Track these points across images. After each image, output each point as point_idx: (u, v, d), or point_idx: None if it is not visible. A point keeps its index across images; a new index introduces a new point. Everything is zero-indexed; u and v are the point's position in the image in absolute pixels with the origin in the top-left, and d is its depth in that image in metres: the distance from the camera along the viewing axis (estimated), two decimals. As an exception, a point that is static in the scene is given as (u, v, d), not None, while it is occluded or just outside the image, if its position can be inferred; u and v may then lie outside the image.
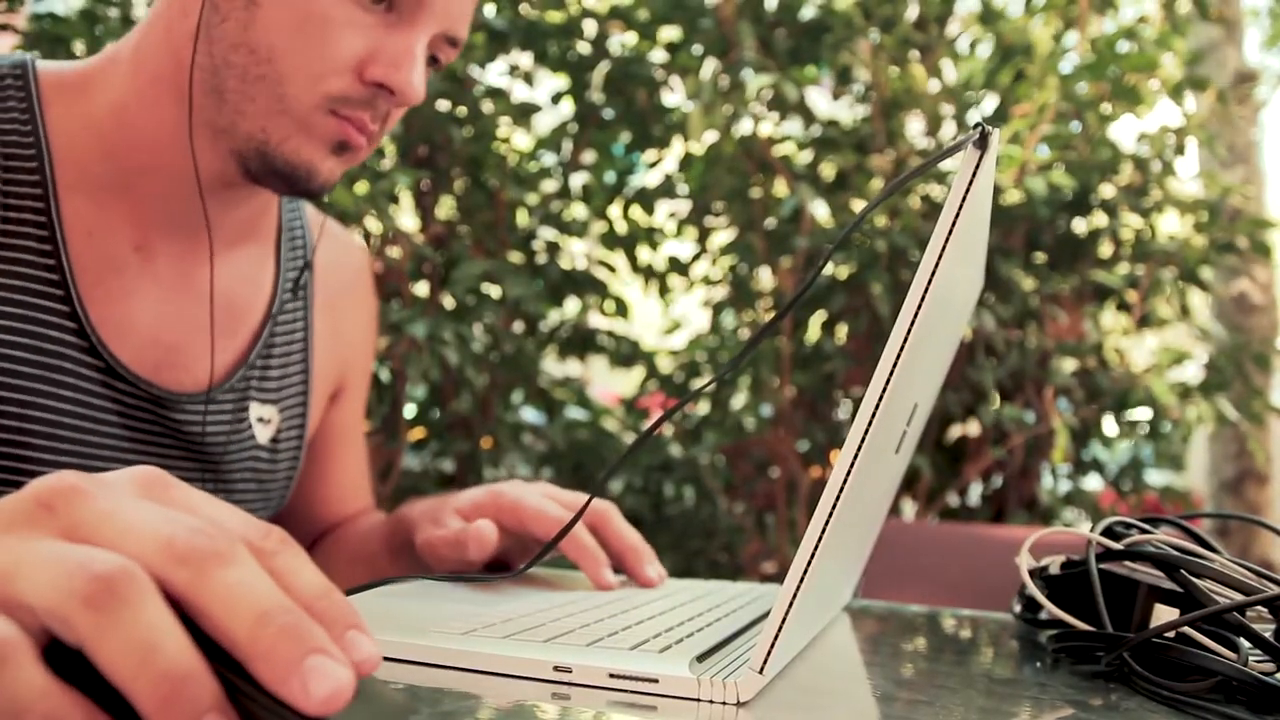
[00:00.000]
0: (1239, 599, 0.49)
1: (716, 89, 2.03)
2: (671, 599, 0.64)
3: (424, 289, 2.16)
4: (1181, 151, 2.12)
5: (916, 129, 2.24)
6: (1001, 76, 2.15)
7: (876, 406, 0.41)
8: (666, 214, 2.40)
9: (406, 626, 0.49)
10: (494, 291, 2.11)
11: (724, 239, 2.32)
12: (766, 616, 0.48)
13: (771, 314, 2.24)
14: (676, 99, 2.29)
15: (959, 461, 2.22)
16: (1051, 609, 0.57)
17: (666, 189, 2.33)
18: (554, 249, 2.29)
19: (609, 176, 2.38)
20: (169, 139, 0.67)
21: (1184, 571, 0.51)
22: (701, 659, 0.47)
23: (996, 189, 2.01)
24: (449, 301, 2.14)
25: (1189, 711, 0.45)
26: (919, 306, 0.41)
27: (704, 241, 2.35)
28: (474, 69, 2.15)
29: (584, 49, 2.21)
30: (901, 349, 0.41)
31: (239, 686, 0.28)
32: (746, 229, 2.23)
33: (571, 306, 2.36)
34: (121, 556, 0.28)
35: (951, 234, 0.42)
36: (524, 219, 2.25)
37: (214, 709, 0.27)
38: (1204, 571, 0.51)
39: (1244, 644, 0.49)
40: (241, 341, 0.77)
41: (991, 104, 2.22)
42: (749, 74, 2.05)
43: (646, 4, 2.20)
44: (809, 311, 2.23)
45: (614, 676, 0.43)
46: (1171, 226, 2.23)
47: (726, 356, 2.32)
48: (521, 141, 2.35)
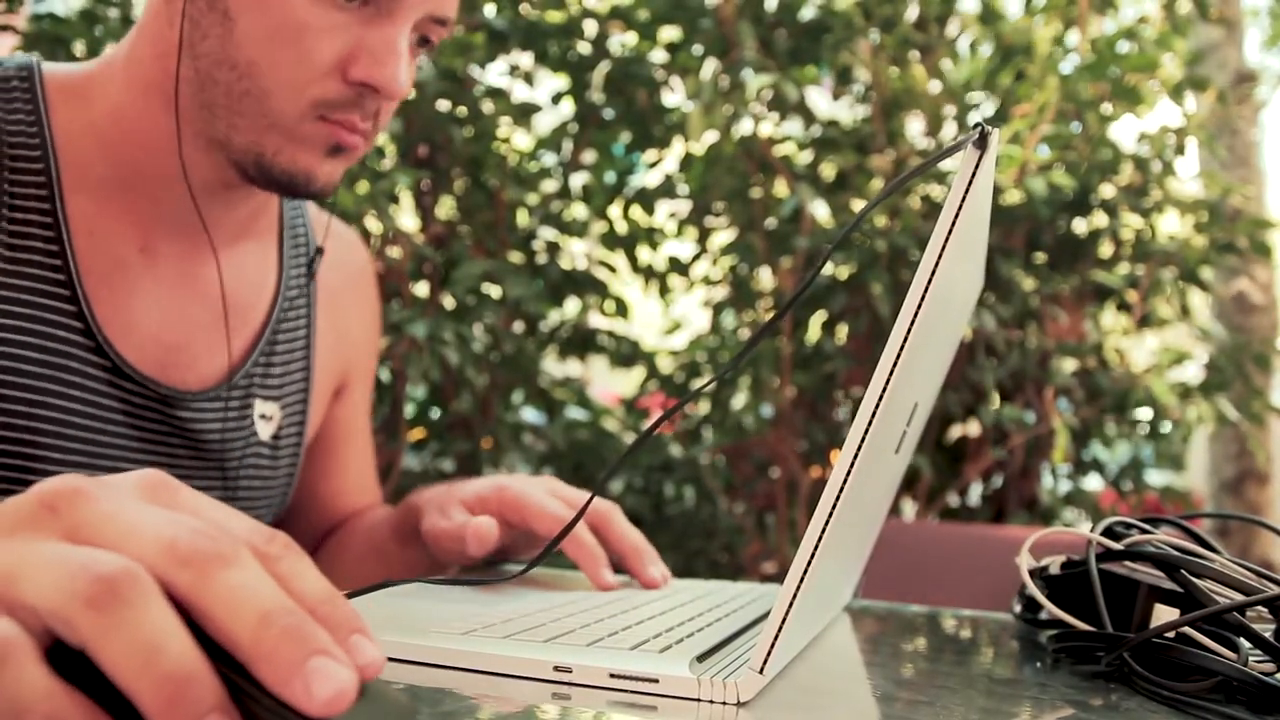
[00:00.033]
0: (1239, 599, 0.49)
1: (717, 89, 2.03)
2: (672, 599, 0.64)
3: (424, 289, 2.16)
4: (1182, 152, 2.12)
5: (917, 129, 2.24)
6: (1002, 77, 2.15)
7: (876, 406, 0.41)
8: (667, 214, 2.39)
9: (407, 627, 0.49)
10: (494, 291, 2.11)
11: (724, 239, 2.32)
12: (766, 616, 0.48)
13: (771, 314, 2.24)
14: (676, 99, 2.29)
15: (959, 461, 2.22)
16: (1052, 609, 0.57)
17: (667, 189, 2.33)
18: (554, 249, 2.29)
19: (609, 176, 2.38)
20: (165, 145, 0.68)
21: (1184, 571, 0.51)
22: (702, 659, 0.47)
23: (996, 189, 2.01)
24: (449, 301, 2.14)
25: (1189, 711, 0.45)
26: (919, 306, 0.41)
27: (704, 241, 2.35)
28: (474, 69, 2.15)
29: (584, 49, 2.21)
30: (901, 349, 0.41)
31: (243, 688, 0.28)
32: (747, 229, 2.23)
33: (572, 306, 2.36)
34: (124, 558, 0.28)
35: (951, 234, 0.42)
36: (524, 219, 2.25)
37: (217, 710, 0.27)
38: (1204, 571, 0.51)
39: (1244, 644, 0.49)
40: (245, 338, 0.78)
41: (991, 104, 2.21)
42: (749, 74, 2.05)
43: (646, 4, 2.20)
44: (809, 311, 2.23)
45: (614, 676, 0.43)
46: (1172, 226, 2.23)
47: (726, 356, 2.32)
48: (522, 141, 2.35)
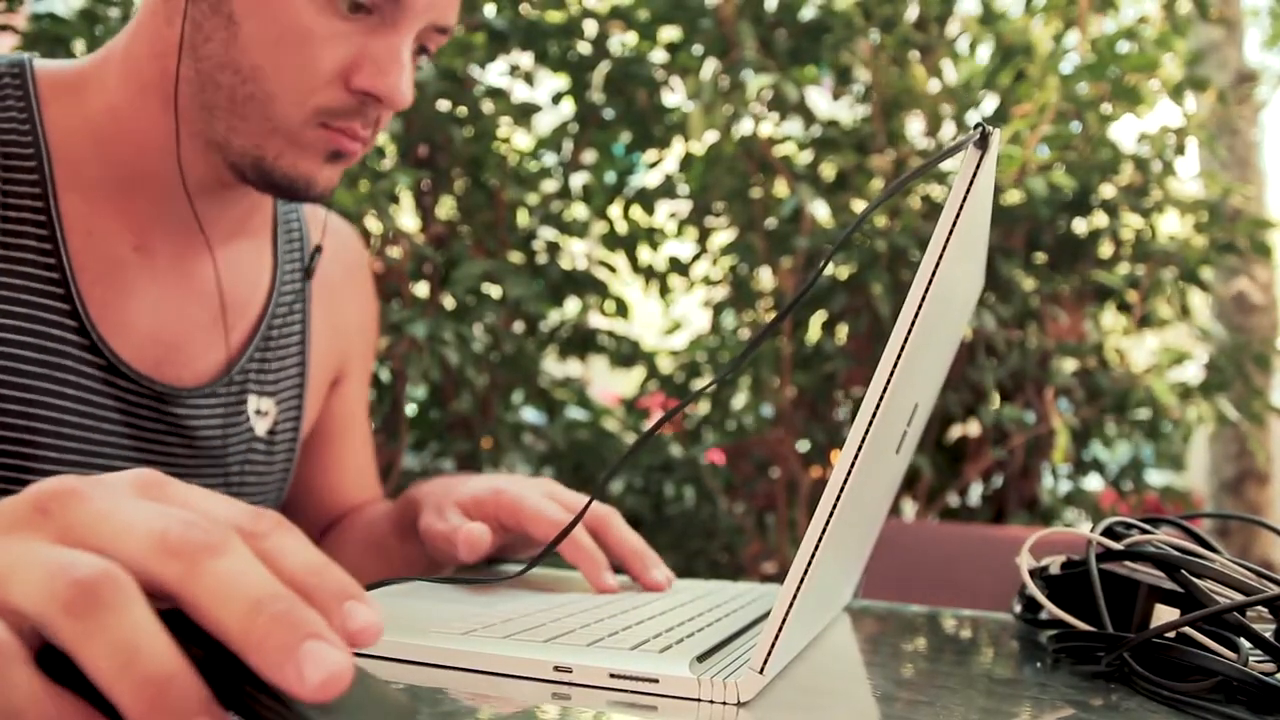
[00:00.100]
0: (1239, 599, 0.49)
1: (717, 89, 2.03)
2: (672, 599, 0.64)
3: (424, 289, 2.16)
4: (1182, 152, 2.12)
5: (917, 129, 2.24)
6: (1002, 77, 2.15)
7: (877, 406, 0.41)
8: (667, 214, 2.39)
9: (407, 626, 0.49)
10: (494, 291, 2.11)
11: (724, 239, 2.32)
12: (767, 616, 0.48)
13: (772, 314, 2.24)
14: (677, 99, 2.29)
15: (959, 461, 2.22)
16: (1052, 609, 0.57)
17: (667, 189, 2.33)
18: (554, 249, 2.29)
19: (609, 176, 2.38)
20: (161, 144, 0.68)
21: (1184, 572, 0.51)
22: (702, 659, 0.47)
23: (997, 189, 2.01)
24: (449, 301, 2.14)
25: (1189, 711, 0.45)
26: (919, 306, 0.41)
27: (704, 242, 2.35)
28: (474, 69, 2.14)
29: (584, 49, 2.21)
30: (902, 349, 0.41)
31: (243, 682, 0.28)
32: (747, 229, 2.23)
33: (572, 307, 2.36)
34: (105, 560, 0.28)
35: (952, 234, 0.42)
36: (524, 219, 2.25)
37: (200, 711, 0.26)
38: (1204, 572, 0.51)
39: (1244, 644, 0.49)
40: (240, 335, 0.78)
41: (992, 104, 2.21)
42: (749, 74, 2.05)
43: (647, 4, 2.20)
44: (809, 312, 2.23)
45: (614, 676, 0.43)
46: (1172, 227, 2.23)
47: (727, 357, 2.32)
48: (522, 141, 2.35)
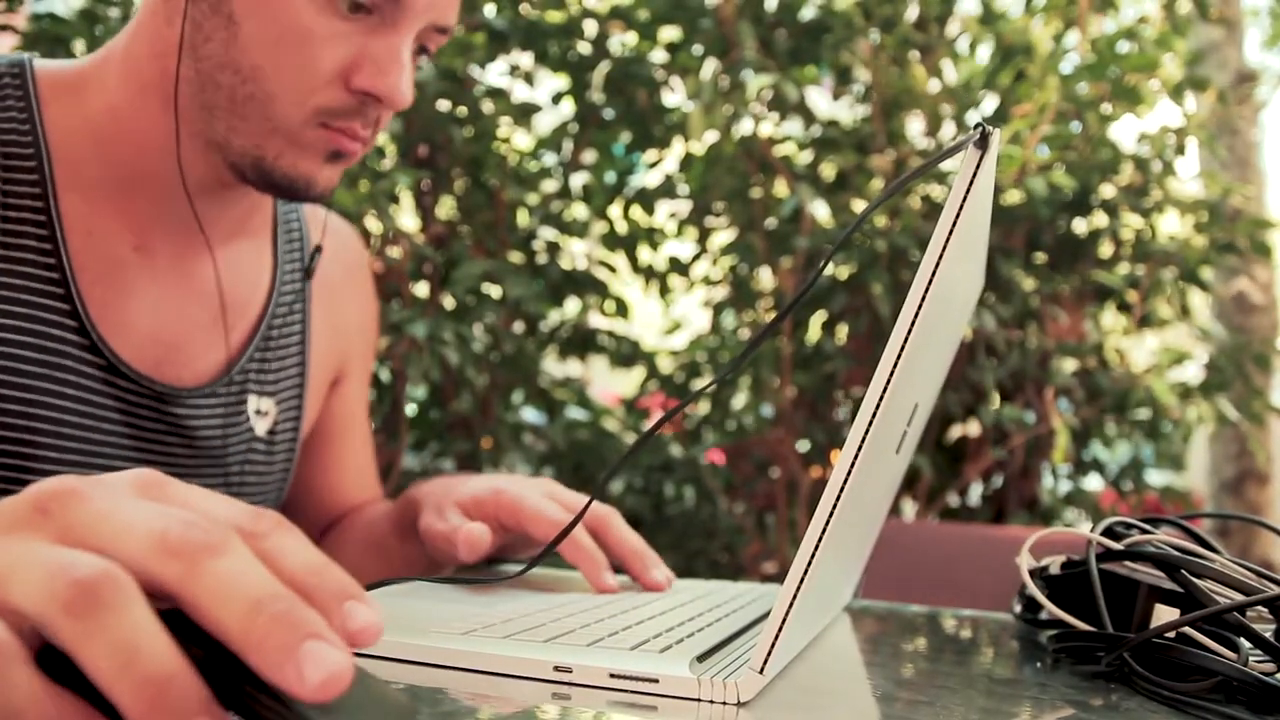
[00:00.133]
0: (1239, 599, 0.49)
1: (717, 89, 2.03)
2: (672, 599, 0.64)
3: (424, 289, 2.16)
4: (1182, 152, 2.12)
5: (917, 129, 2.24)
6: (1002, 77, 2.14)
7: (877, 406, 0.41)
8: (667, 214, 2.39)
9: (406, 627, 0.49)
10: (494, 291, 2.11)
11: (724, 239, 2.32)
12: (767, 616, 0.48)
13: (772, 314, 2.24)
14: (677, 99, 2.29)
15: (959, 461, 2.22)
16: (1052, 609, 0.57)
17: (667, 189, 2.33)
18: (554, 249, 2.28)
19: (609, 176, 2.38)
20: (160, 144, 0.68)
21: (1184, 572, 0.51)
22: (702, 659, 0.47)
23: (997, 189, 2.01)
24: (449, 301, 2.14)
25: (1189, 711, 0.45)
26: (919, 306, 0.41)
27: (704, 242, 2.35)
28: (474, 69, 2.14)
29: (584, 49, 2.21)
30: (902, 349, 0.41)
31: (244, 682, 0.28)
32: (747, 229, 2.23)
33: (572, 307, 2.36)
34: (105, 560, 0.28)
35: (952, 234, 0.42)
36: (524, 219, 2.25)
37: (200, 711, 0.26)
38: (1204, 572, 0.51)
39: (1244, 644, 0.49)
40: (240, 335, 0.78)
41: (992, 104, 2.21)
42: (749, 74, 2.05)
43: (647, 4, 2.20)
44: (809, 312, 2.23)
45: (614, 676, 0.43)
46: (1172, 227, 2.23)
47: (727, 357, 2.32)
48: (522, 141, 2.35)
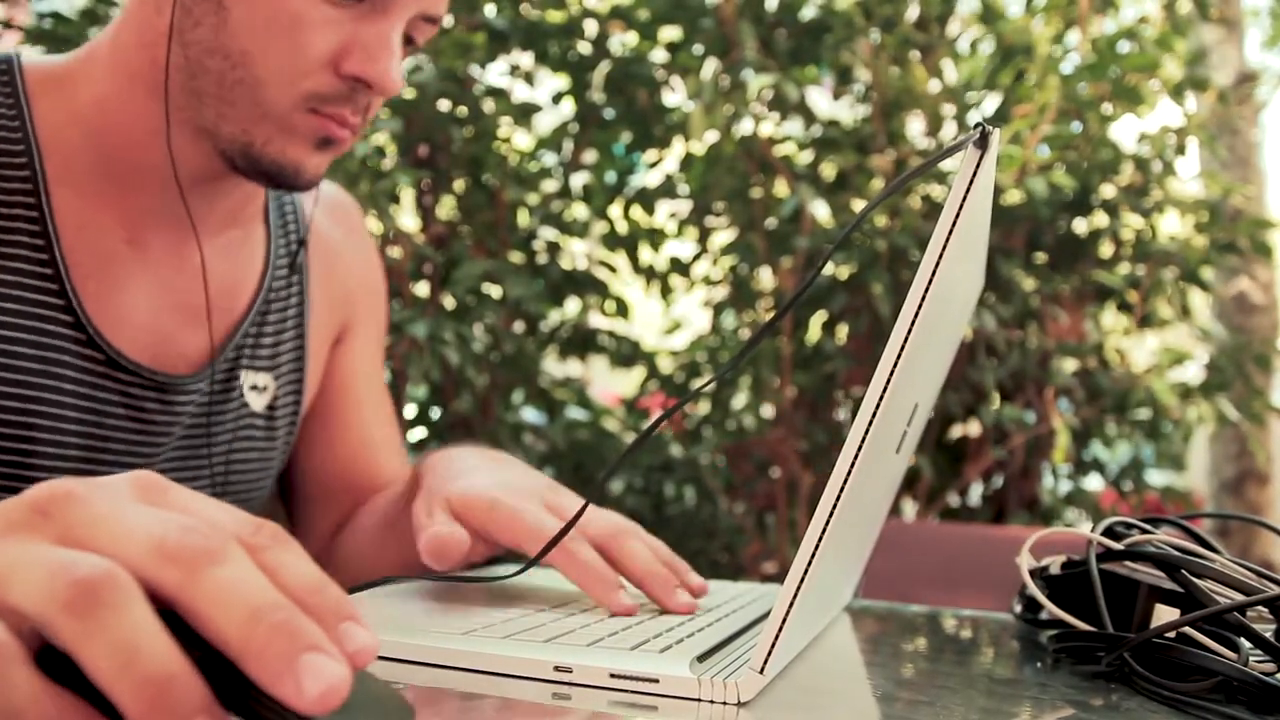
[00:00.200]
0: (1239, 599, 0.49)
1: (717, 89, 2.03)
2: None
3: (425, 289, 2.16)
4: (1182, 152, 2.12)
5: (917, 129, 2.24)
6: (1002, 76, 2.15)
7: (877, 406, 0.41)
8: (667, 214, 2.39)
9: (406, 626, 0.49)
10: (494, 291, 2.11)
11: (724, 239, 2.32)
12: (767, 617, 0.48)
13: (772, 314, 2.24)
14: (677, 99, 2.29)
15: (959, 461, 2.22)
16: (1052, 609, 0.57)
17: (667, 189, 2.33)
18: (555, 249, 2.29)
19: (610, 176, 2.38)
20: (150, 135, 0.67)
21: (1185, 572, 0.51)
22: (702, 659, 0.47)
23: (997, 189, 2.01)
24: (450, 301, 2.14)
25: (1190, 712, 0.45)
26: (919, 306, 0.41)
27: (704, 242, 2.35)
28: (474, 69, 2.15)
29: (585, 49, 2.21)
30: (902, 349, 0.41)
31: (241, 685, 0.28)
32: (747, 229, 2.23)
33: (572, 307, 2.36)
34: (106, 560, 0.28)
35: (952, 234, 0.42)
36: (525, 219, 2.25)
37: (201, 711, 0.26)
38: (1205, 572, 0.51)
39: (1244, 644, 0.49)
40: (235, 317, 0.77)
41: (992, 104, 2.21)
42: (750, 74, 2.05)
43: (647, 4, 2.20)
44: (809, 311, 2.23)
45: (614, 676, 0.43)
46: (1172, 227, 2.23)
47: (727, 356, 2.32)
48: (522, 141, 2.35)
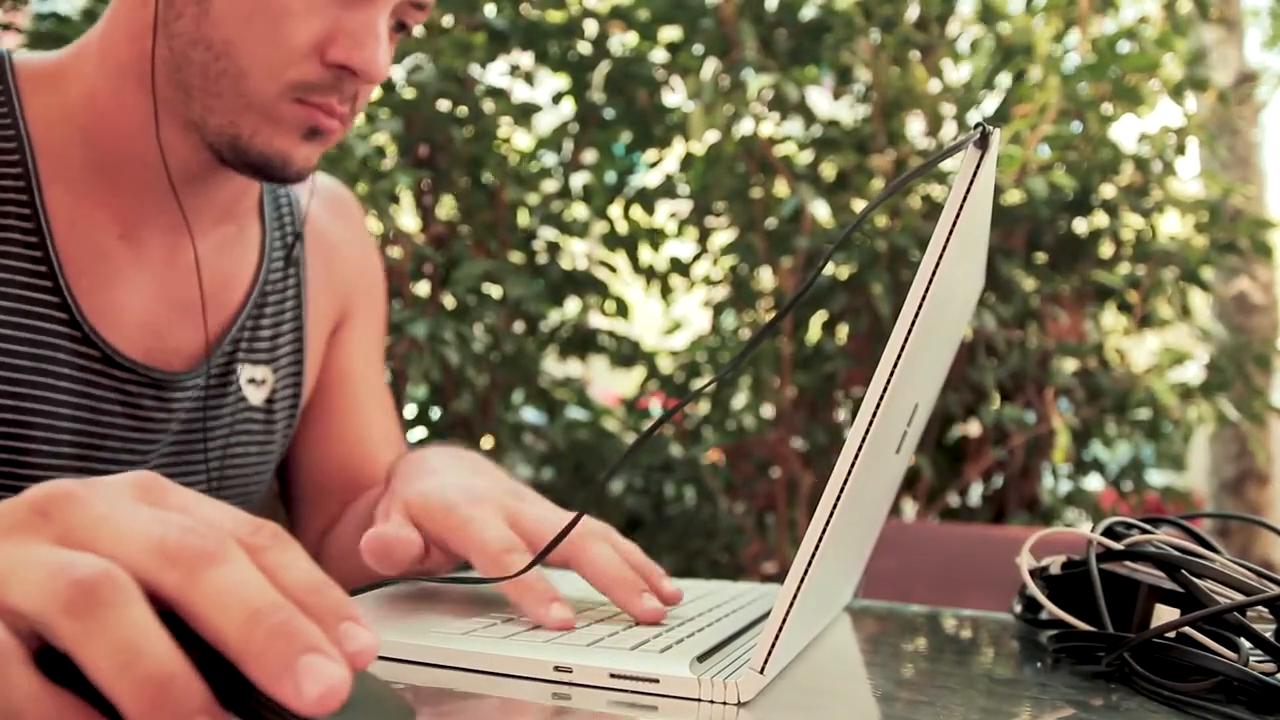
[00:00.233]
0: (1240, 599, 0.49)
1: (717, 89, 2.03)
2: (672, 599, 0.64)
3: (425, 289, 2.16)
4: (1182, 152, 2.12)
5: (917, 129, 2.24)
6: (1002, 77, 2.15)
7: (877, 406, 0.41)
8: (667, 214, 2.40)
9: (406, 626, 0.49)
10: (495, 291, 2.11)
11: (725, 239, 2.32)
12: (767, 617, 0.48)
13: (772, 314, 2.24)
14: (677, 99, 2.29)
15: (959, 462, 2.22)
16: (1052, 609, 0.57)
17: (667, 189, 2.33)
18: (555, 249, 2.29)
19: (610, 176, 2.38)
20: (140, 129, 0.67)
21: (1185, 572, 0.51)
22: (702, 659, 0.47)
23: (997, 189, 2.01)
24: (450, 301, 2.14)
25: (1190, 711, 0.45)
26: (919, 306, 0.41)
27: (705, 242, 2.35)
28: (474, 69, 2.15)
29: (585, 49, 2.22)
30: (902, 349, 0.41)
31: (240, 685, 0.28)
32: (747, 229, 2.23)
33: (572, 307, 2.36)
34: (105, 561, 0.28)
35: (952, 234, 0.42)
36: (525, 219, 2.25)
37: (202, 711, 0.26)
38: (1205, 572, 0.51)
39: (1245, 644, 0.49)
40: (230, 311, 0.76)
41: (992, 104, 2.22)
42: (750, 74, 2.05)
43: (647, 4, 2.20)
44: (809, 311, 2.23)
45: (615, 676, 0.43)
46: (1172, 227, 2.23)
47: (727, 357, 2.32)
48: (522, 141, 2.35)
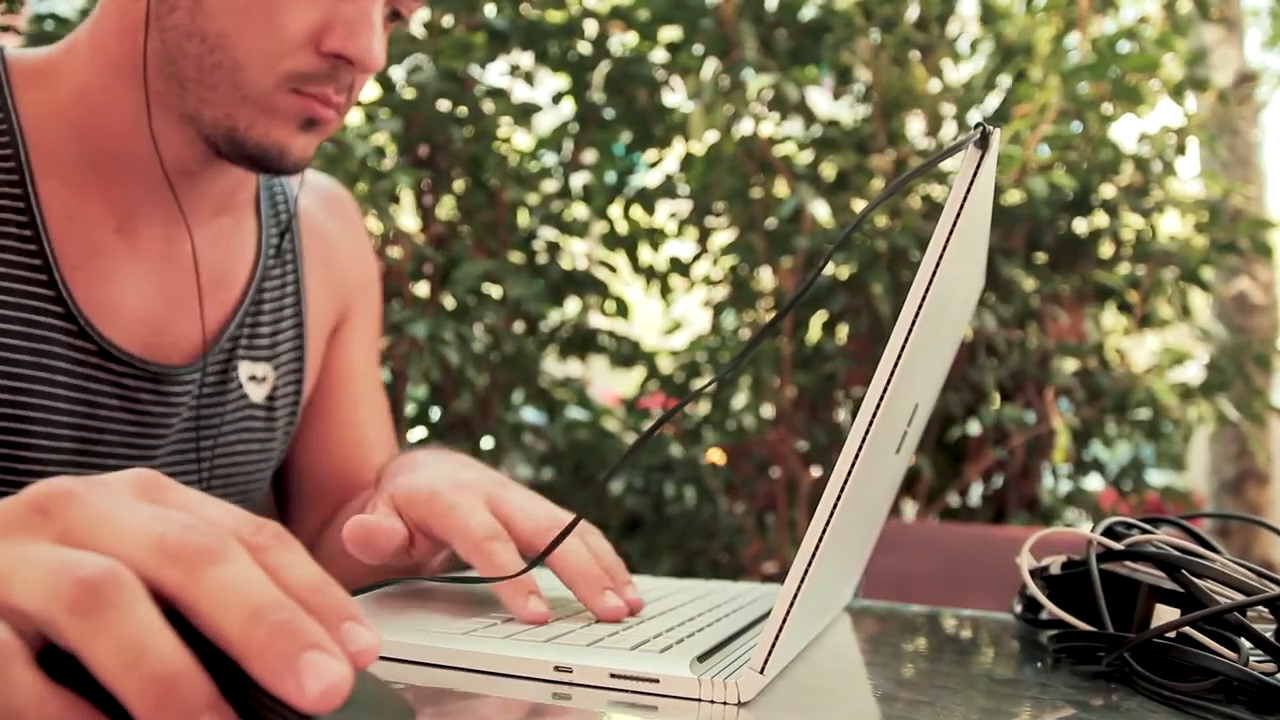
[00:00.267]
0: (1240, 599, 0.49)
1: (717, 89, 2.03)
2: (672, 599, 0.64)
3: (425, 289, 2.16)
4: (1182, 152, 2.12)
5: (917, 129, 2.24)
6: (1002, 77, 2.15)
7: (877, 406, 0.41)
8: (667, 214, 2.40)
9: (407, 626, 0.49)
10: (495, 291, 2.11)
11: (725, 239, 2.32)
12: (767, 617, 0.48)
13: (772, 314, 2.24)
14: (677, 99, 2.29)
15: (960, 462, 2.22)
16: (1052, 609, 0.57)
17: (667, 189, 2.33)
18: (555, 249, 2.29)
19: (610, 176, 2.38)
20: (133, 123, 0.66)
21: (1185, 572, 0.51)
22: (702, 659, 0.47)
23: (997, 189, 2.01)
24: (450, 301, 2.14)
25: (1190, 711, 0.45)
26: (920, 306, 0.41)
27: (705, 242, 2.35)
28: (474, 69, 2.15)
29: (585, 49, 2.22)
30: (902, 349, 0.41)
31: (244, 684, 0.28)
32: (747, 229, 2.23)
33: (572, 307, 2.36)
34: (109, 559, 0.28)
35: (952, 234, 0.42)
36: (525, 219, 2.25)
37: (208, 709, 0.26)
38: (1205, 572, 0.51)
39: (1245, 644, 0.49)
40: (228, 307, 0.76)
41: (992, 104, 2.22)
42: (750, 74, 2.05)
43: (647, 4, 2.20)
44: (809, 311, 2.23)
45: (615, 676, 0.43)
46: (1172, 227, 2.23)
47: (727, 357, 2.32)
48: (522, 141, 2.35)
